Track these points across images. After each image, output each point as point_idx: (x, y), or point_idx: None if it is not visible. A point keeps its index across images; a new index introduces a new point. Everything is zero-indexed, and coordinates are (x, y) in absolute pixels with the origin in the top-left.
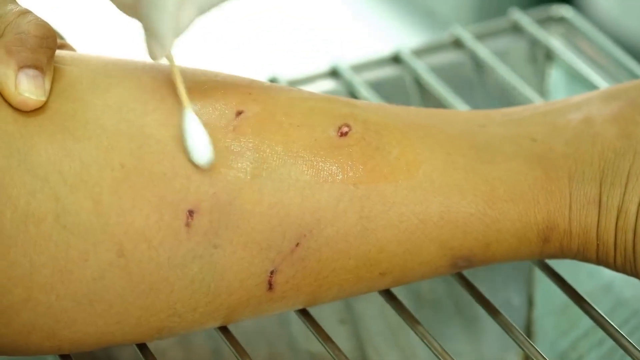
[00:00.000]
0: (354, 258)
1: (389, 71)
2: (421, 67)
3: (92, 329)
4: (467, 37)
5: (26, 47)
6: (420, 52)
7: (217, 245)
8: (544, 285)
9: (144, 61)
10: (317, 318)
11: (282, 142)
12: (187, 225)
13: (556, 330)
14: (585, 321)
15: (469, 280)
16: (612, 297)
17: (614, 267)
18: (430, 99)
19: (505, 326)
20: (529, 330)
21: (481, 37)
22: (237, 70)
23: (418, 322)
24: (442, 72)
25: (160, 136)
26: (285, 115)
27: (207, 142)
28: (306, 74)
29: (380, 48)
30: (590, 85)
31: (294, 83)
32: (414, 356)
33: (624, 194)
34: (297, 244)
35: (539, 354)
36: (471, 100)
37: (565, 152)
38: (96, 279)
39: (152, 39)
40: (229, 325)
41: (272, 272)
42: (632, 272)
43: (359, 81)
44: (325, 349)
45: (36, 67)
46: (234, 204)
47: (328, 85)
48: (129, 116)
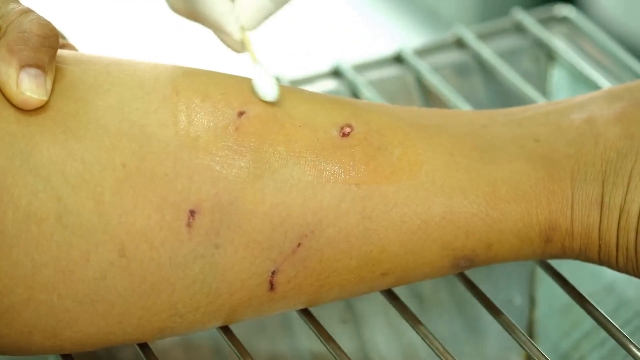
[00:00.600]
0: (356, 258)
1: (392, 71)
2: (423, 67)
3: (93, 329)
4: (469, 37)
5: (28, 46)
6: (422, 52)
7: (219, 245)
8: (546, 285)
9: (146, 61)
10: (318, 318)
11: (284, 142)
12: (189, 225)
13: (558, 330)
14: (588, 321)
15: (471, 280)
16: (615, 298)
17: (616, 267)
18: (433, 99)
19: (507, 326)
20: (531, 331)
21: (484, 37)
22: (239, 70)
23: (420, 322)
24: (444, 72)
25: (162, 136)
26: (287, 116)
27: (274, 84)
28: (308, 73)
29: (383, 48)
30: (592, 85)
31: (296, 83)
32: (416, 356)
33: (626, 194)
34: (299, 244)
35: (541, 354)
36: (474, 100)
37: (568, 152)
38: (98, 279)
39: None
40: (230, 325)
41: (273, 272)
42: (635, 273)
43: (361, 81)
44: (327, 348)
45: (38, 66)
46: (235, 204)
47: (330, 85)
48: (130, 116)
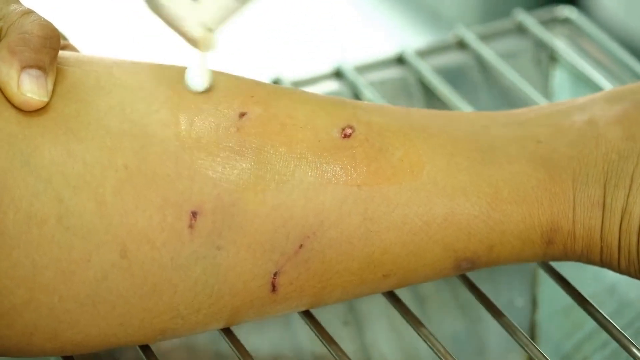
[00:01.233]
0: (358, 260)
1: (393, 72)
2: (425, 68)
3: (94, 331)
4: (471, 38)
5: (29, 47)
6: (424, 53)
7: (221, 246)
8: (547, 287)
9: (147, 62)
10: (320, 320)
11: (285, 143)
12: (191, 226)
13: (560, 332)
14: (589, 323)
15: (473, 281)
16: (616, 299)
17: (618, 269)
18: (434, 100)
19: (508, 328)
20: (532, 332)
21: (485, 38)
22: (240, 70)
23: (421, 324)
24: (446, 73)
25: (164, 136)
26: (288, 117)
27: (207, 75)
28: (310, 74)
29: (385, 49)
30: (594, 86)
31: (297, 84)
32: (417, 358)
33: (628, 195)
34: (301, 246)
35: (543, 356)
36: (475, 101)
37: (569, 153)
38: (99, 280)
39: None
40: (232, 327)
41: (275, 274)
42: (636, 275)
43: (362, 82)
44: (329, 350)
45: (39, 67)
46: (237, 205)
47: (332, 86)
48: (132, 117)
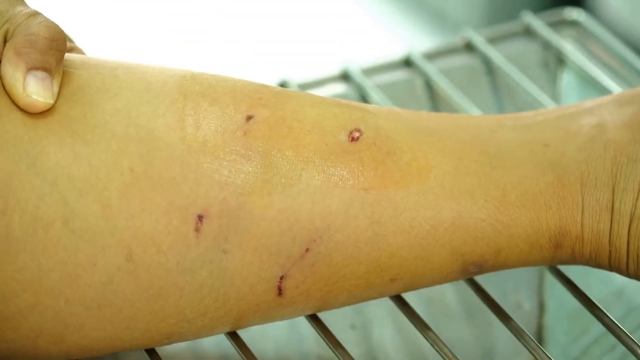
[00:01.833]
0: (364, 264)
1: (400, 75)
2: (432, 70)
3: (100, 334)
4: (478, 41)
5: (35, 49)
6: (431, 56)
7: (227, 250)
8: (555, 290)
9: (154, 65)
10: (327, 323)
11: (292, 146)
12: (197, 229)
13: (567, 336)
14: (597, 327)
15: (480, 285)
16: (624, 303)
17: (627, 273)
18: (442, 103)
19: (516, 332)
20: (540, 336)
21: (493, 40)
22: (247, 73)
23: (428, 328)
24: (453, 75)
25: (170, 140)
26: (295, 120)
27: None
28: (317, 77)
29: (392, 51)
30: (602, 89)
31: (304, 86)
32: None
33: (637, 199)
34: (307, 249)
35: (550, 359)
36: (483, 104)
37: (578, 157)
38: (105, 283)
39: None
40: (238, 330)
41: (281, 277)
42: None
43: (370, 85)
44: (335, 354)
45: (45, 69)
46: (243, 209)
47: (339, 88)
48: (138, 120)
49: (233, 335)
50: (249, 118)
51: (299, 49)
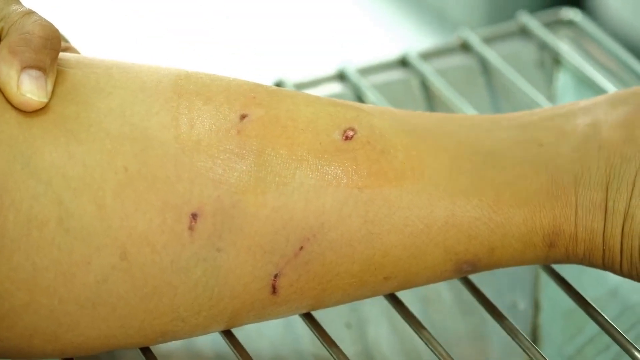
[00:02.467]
0: (358, 262)
1: (396, 74)
2: (428, 70)
3: (95, 333)
4: (475, 41)
5: (30, 47)
6: (427, 56)
7: (221, 248)
8: (550, 290)
9: (148, 64)
10: (322, 322)
11: (286, 145)
12: (191, 228)
13: (562, 335)
14: (592, 326)
15: (475, 284)
16: (619, 303)
17: (620, 272)
18: (437, 103)
19: (510, 331)
20: (534, 335)
21: (489, 40)
22: (245, 73)
23: (423, 327)
24: (449, 75)
25: (164, 139)
26: (289, 119)
27: None
28: (313, 77)
29: (389, 51)
30: (598, 89)
31: (300, 86)
32: None
33: (630, 199)
34: (301, 248)
35: (545, 359)
36: (478, 104)
37: (572, 157)
38: (99, 282)
39: None
40: (233, 329)
41: (275, 276)
42: (639, 278)
43: (366, 84)
44: (330, 353)
45: (39, 68)
46: (237, 207)
47: (335, 88)
48: (132, 119)
49: (228, 334)
50: (243, 117)
51: (296, 48)
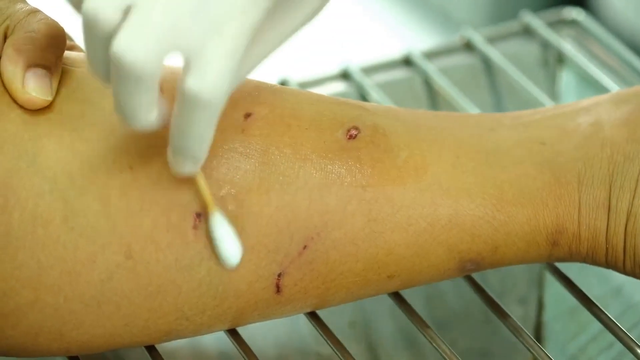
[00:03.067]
0: (362, 261)
1: (400, 73)
2: (432, 69)
3: (100, 331)
4: (478, 40)
5: (35, 45)
6: (431, 55)
7: None
8: (553, 288)
9: None
10: (326, 321)
11: (290, 144)
12: (195, 227)
13: (565, 333)
14: (595, 325)
15: (479, 283)
16: (622, 301)
17: (623, 270)
18: (441, 102)
19: (514, 329)
20: (538, 334)
21: (492, 39)
22: None
23: (427, 325)
24: (453, 74)
25: (169, 137)
26: (293, 118)
27: (237, 244)
28: (317, 76)
29: (393, 50)
30: (601, 88)
31: (304, 85)
32: (424, 358)
33: (634, 197)
34: (305, 247)
35: (548, 357)
36: (481, 103)
37: (575, 155)
38: (104, 280)
39: (183, 157)
40: (238, 328)
41: (279, 275)
42: None
43: (369, 83)
44: (335, 352)
45: (44, 66)
46: (241, 206)
47: (338, 87)
48: None
49: (233, 333)
50: (247, 116)
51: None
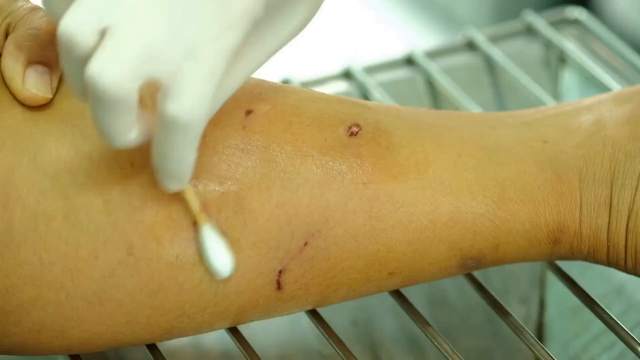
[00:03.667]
0: (363, 258)
1: (402, 73)
2: (434, 68)
3: (101, 329)
4: (480, 40)
5: (37, 42)
6: (433, 54)
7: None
8: (555, 288)
9: None
10: (328, 320)
11: (291, 141)
12: (196, 224)
13: (567, 333)
14: (597, 324)
15: (480, 281)
16: (624, 300)
17: (625, 269)
18: (443, 101)
19: (515, 328)
20: (540, 333)
21: (495, 39)
22: None
23: (428, 324)
24: (455, 74)
25: None
26: (294, 115)
27: (227, 256)
28: (319, 75)
29: (396, 49)
30: (603, 87)
31: (307, 84)
32: (425, 358)
33: (635, 195)
34: (306, 243)
35: (550, 356)
36: (484, 102)
37: (576, 154)
38: (106, 277)
39: (166, 178)
40: (239, 326)
41: (280, 272)
42: None
43: (371, 83)
44: (336, 351)
45: (45, 63)
46: (242, 203)
47: (341, 86)
48: None
49: (234, 331)
50: (248, 112)
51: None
